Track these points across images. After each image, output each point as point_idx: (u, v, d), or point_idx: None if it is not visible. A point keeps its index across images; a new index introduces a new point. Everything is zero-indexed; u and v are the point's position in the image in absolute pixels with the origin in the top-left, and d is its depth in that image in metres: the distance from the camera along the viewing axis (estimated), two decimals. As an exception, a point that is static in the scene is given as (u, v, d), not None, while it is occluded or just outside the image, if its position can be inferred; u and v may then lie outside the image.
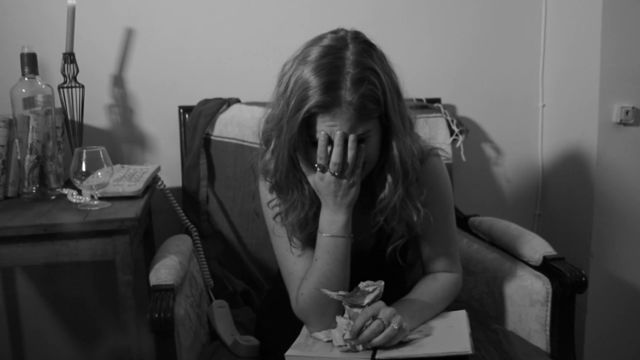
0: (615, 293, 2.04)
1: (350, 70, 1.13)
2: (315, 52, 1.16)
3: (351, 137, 1.16)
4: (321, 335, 1.28)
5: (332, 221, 1.25)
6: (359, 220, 1.29)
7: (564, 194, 2.12)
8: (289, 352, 1.23)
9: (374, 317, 1.20)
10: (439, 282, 1.41)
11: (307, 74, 1.14)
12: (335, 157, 1.17)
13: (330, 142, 1.17)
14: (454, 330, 1.30)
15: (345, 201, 1.23)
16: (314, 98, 1.12)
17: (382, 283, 1.24)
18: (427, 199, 1.29)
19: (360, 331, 1.20)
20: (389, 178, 1.24)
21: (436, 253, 1.41)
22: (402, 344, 1.23)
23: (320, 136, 1.17)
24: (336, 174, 1.19)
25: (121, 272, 1.37)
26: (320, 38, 1.21)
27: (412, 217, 1.28)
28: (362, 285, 1.25)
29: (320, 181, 1.22)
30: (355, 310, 1.23)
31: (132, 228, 1.36)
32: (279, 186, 1.27)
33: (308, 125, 1.17)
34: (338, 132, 1.15)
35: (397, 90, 1.21)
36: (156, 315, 1.23)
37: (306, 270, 1.29)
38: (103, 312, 1.88)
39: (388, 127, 1.21)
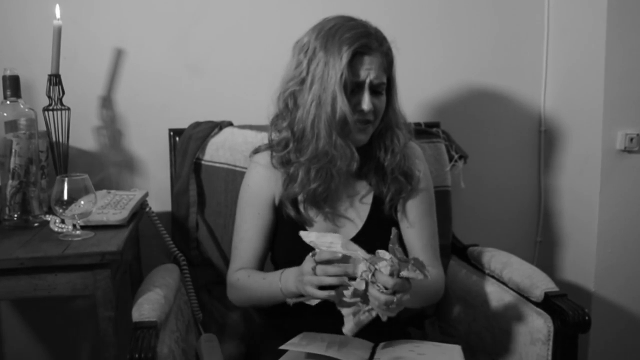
0: (619, 325, 1.98)
1: (375, 33, 1.34)
2: (335, 19, 1.36)
3: None
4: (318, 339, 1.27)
5: (289, 291, 1.31)
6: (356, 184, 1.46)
7: (566, 221, 2.07)
8: (283, 346, 1.25)
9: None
10: None
11: (340, 26, 1.32)
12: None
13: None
14: (447, 356, 1.30)
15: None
16: (360, 41, 1.29)
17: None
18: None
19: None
20: (397, 131, 1.41)
21: (420, 245, 1.45)
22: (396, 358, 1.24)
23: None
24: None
25: (102, 307, 1.31)
26: None
27: (413, 170, 1.44)
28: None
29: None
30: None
31: (113, 262, 1.30)
32: (301, 136, 1.37)
33: (350, 68, 1.30)
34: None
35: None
36: (136, 356, 1.18)
37: (248, 254, 1.44)
38: (90, 346, 1.82)
39: (390, 92, 1.39)
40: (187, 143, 1.76)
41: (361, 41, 1.30)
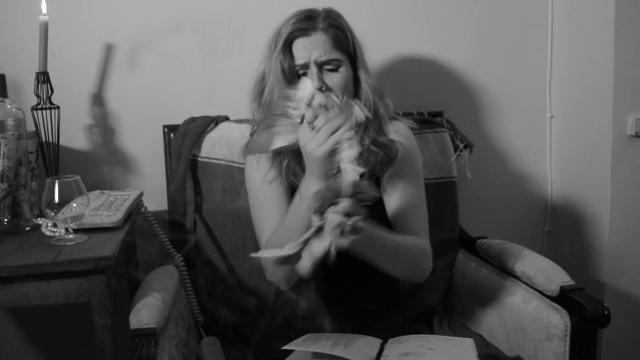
0: (635, 317, 1.93)
1: (322, 14, 1.38)
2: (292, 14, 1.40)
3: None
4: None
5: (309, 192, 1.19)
6: None
7: (575, 210, 2.01)
8: (287, 346, 1.22)
9: None
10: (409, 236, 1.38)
11: (286, 19, 1.38)
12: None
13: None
14: (459, 350, 1.24)
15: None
16: (295, 26, 1.35)
17: None
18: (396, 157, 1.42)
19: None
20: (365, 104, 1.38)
21: (400, 213, 1.40)
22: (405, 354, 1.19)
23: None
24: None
25: (98, 315, 1.25)
26: None
27: (393, 143, 1.41)
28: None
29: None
30: None
31: (108, 267, 1.24)
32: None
33: (291, 55, 1.36)
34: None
35: (360, 47, 1.41)
36: (136, 365, 1.13)
37: (274, 223, 1.37)
38: (87, 355, 1.77)
39: (356, 68, 1.40)
40: (183, 140, 1.71)
41: (297, 26, 1.36)
